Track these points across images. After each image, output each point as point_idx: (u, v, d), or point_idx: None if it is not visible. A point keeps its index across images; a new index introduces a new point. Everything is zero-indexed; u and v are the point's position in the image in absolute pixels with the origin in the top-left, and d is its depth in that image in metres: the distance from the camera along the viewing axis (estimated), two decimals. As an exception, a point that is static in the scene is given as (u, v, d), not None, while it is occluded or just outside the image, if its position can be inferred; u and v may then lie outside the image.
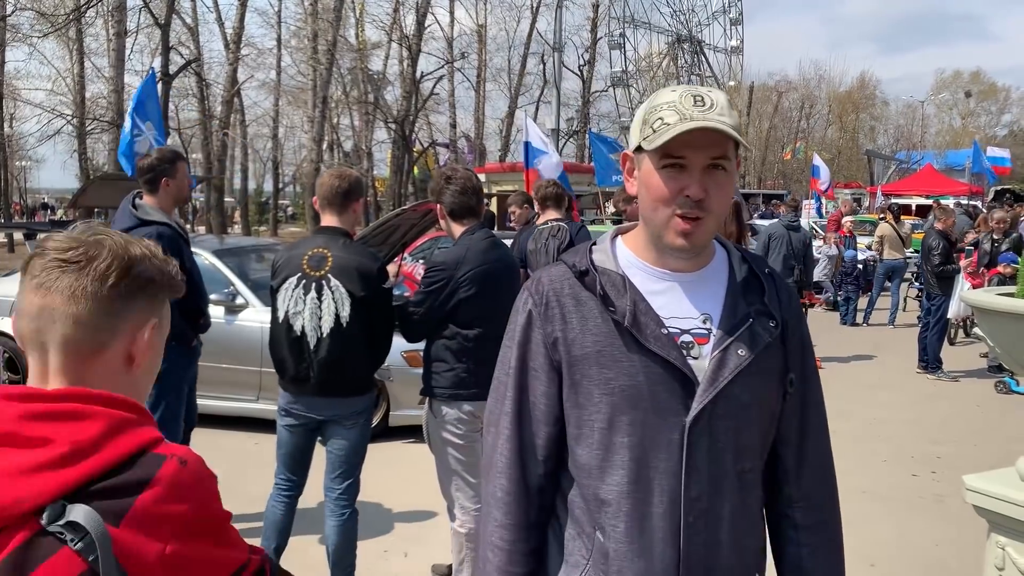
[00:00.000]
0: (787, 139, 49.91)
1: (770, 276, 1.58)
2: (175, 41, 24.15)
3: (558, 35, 30.14)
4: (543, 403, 1.53)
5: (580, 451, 1.51)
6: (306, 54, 23.49)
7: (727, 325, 1.49)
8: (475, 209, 3.67)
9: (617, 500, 1.46)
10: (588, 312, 1.49)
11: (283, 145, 38.55)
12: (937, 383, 8.93)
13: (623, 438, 1.46)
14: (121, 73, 20.27)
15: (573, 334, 1.49)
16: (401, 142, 28.74)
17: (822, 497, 1.62)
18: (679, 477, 1.44)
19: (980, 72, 59.14)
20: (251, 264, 7.36)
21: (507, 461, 1.55)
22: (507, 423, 1.56)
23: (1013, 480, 2.80)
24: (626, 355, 1.45)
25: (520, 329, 1.56)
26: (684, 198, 1.43)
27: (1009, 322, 2.87)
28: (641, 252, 1.54)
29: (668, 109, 1.42)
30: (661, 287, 1.51)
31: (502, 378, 1.59)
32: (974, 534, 4.66)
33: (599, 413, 1.47)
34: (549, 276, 1.56)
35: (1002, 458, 3.25)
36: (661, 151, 1.43)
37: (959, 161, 36.43)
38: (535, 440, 1.55)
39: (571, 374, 1.50)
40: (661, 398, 1.45)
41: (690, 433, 1.44)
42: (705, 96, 1.43)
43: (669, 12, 53.57)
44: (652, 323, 1.46)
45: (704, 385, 1.45)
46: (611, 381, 1.45)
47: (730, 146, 1.45)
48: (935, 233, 9.22)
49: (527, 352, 1.54)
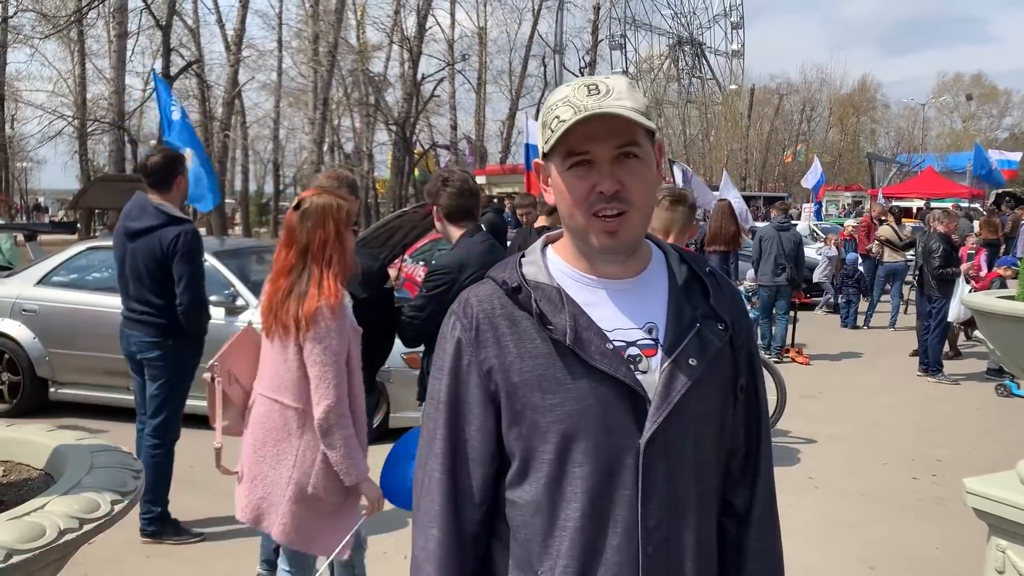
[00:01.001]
0: (788, 142, 49.90)
1: (712, 275, 1.46)
2: (176, 43, 24.15)
3: (559, 37, 30.24)
4: (478, 439, 1.39)
5: (525, 488, 1.37)
6: (307, 56, 23.49)
7: (674, 333, 1.36)
8: (472, 212, 3.66)
9: (571, 537, 1.33)
10: (524, 333, 1.35)
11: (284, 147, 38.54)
12: (938, 386, 8.93)
13: (576, 468, 1.33)
14: (122, 75, 20.30)
15: (510, 359, 1.35)
16: (402, 144, 28.75)
17: (770, 520, 1.50)
18: (635, 505, 1.32)
19: (981, 75, 59.28)
20: (251, 265, 7.36)
21: (439, 509, 1.39)
22: (438, 464, 1.40)
23: (1014, 483, 2.79)
24: (570, 377, 1.32)
25: (449, 358, 1.40)
26: (598, 195, 1.31)
27: (1009, 325, 2.86)
28: (572, 261, 1.41)
29: (563, 105, 1.31)
30: (598, 297, 1.38)
31: (431, 413, 1.43)
32: (974, 537, 4.67)
33: (547, 443, 1.34)
34: (478, 296, 1.42)
35: (1003, 461, 3.24)
36: (563, 151, 1.32)
37: (960, 164, 36.49)
38: (470, 483, 1.40)
39: (511, 404, 1.35)
40: (613, 420, 1.32)
41: (645, 455, 1.32)
42: (600, 83, 1.32)
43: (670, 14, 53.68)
44: (596, 338, 1.33)
45: (656, 402, 1.32)
46: (557, 407, 1.32)
47: (639, 131, 1.32)
48: (936, 236, 9.22)
49: (458, 383, 1.39)
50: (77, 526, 1.83)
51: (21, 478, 2.19)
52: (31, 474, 2.22)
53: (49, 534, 1.74)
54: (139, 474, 2.20)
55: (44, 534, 1.74)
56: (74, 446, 2.27)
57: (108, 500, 1.97)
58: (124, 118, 21.05)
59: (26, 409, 6.80)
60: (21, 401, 6.87)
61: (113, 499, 1.99)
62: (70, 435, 2.42)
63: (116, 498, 2.00)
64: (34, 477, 2.20)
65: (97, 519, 1.90)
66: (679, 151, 45.96)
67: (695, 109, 50.81)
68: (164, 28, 21.06)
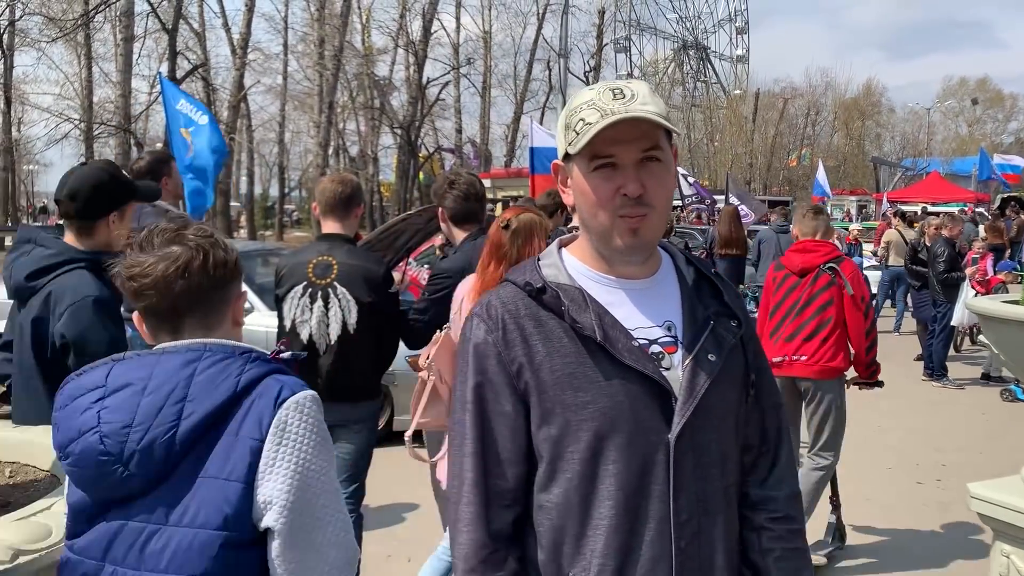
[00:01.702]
0: (793, 146, 49.87)
1: (719, 276, 1.52)
2: (182, 46, 24.26)
3: (564, 41, 30.25)
4: (509, 439, 1.40)
5: (554, 491, 1.38)
6: (312, 59, 23.59)
7: (692, 331, 1.41)
8: (477, 215, 3.67)
9: (606, 535, 1.35)
10: (551, 332, 1.37)
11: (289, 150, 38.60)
12: (943, 391, 8.91)
13: (609, 465, 1.35)
14: (128, 78, 20.40)
15: (539, 358, 1.36)
16: (407, 147, 28.81)
17: (789, 504, 1.52)
18: (667, 500, 1.35)
19: (987, 79, 59.05)
20: (256, 268, 7.37)
21: (475, 511, 1.40)
22: (471, 466, 1.40)
23: (1018, 488, 2.79)
24: (600, 374, 1.34)
25: (474, 359, 1.40)
26: (623, 197, 1.33)
27: (1015, 330, 2.86)
28: (590, 262, 1.44)
29: (588, 108, 1.33)
30: (618, 297, 1.41)
31: (459, 416, 1.43)
32: (979, 542, 4.66)
33: (579, 442, 1.35)
34: (500, 298, 1.42)
35: (1007, 466, 3.23)
36: (589, 153, 1.34)
37: (965, 168, 36.44)
38: (503, 484, 1.40)
39: (542, 402, 1.37)
40: (643, 416, 1.35)
41: (675, 451, 1.35)
42: (624, 88, 1.34)
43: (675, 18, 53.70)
44: (622, 336, 1.36)
45: (683, 396, 1.36)
46: (589, 404, 1.34)
47: (661, 136, 1.36)
48: (941, 240, 9.20)
49: (486, 384, 1.40)
50: (83, 527, 1.84)
51: (28, 479, 2.20)
52: (37, 475, 2.23)
53: (55, 535, 1.75)
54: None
55: (51, 535, 1.75)
56: (80, 447, 2.28)
57: (114, 501, 1.97)
58: (130, 121, 21.14)
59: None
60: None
61: (119, 500, 1.99)
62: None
63: (122, 499, 2.00)
64: (40, 478, 2.21)
65: (103, 520, 1.91)
66: (683, 155, 45.97)
67: (700, 113, 50.83)
68: (170, 32, 21.14)
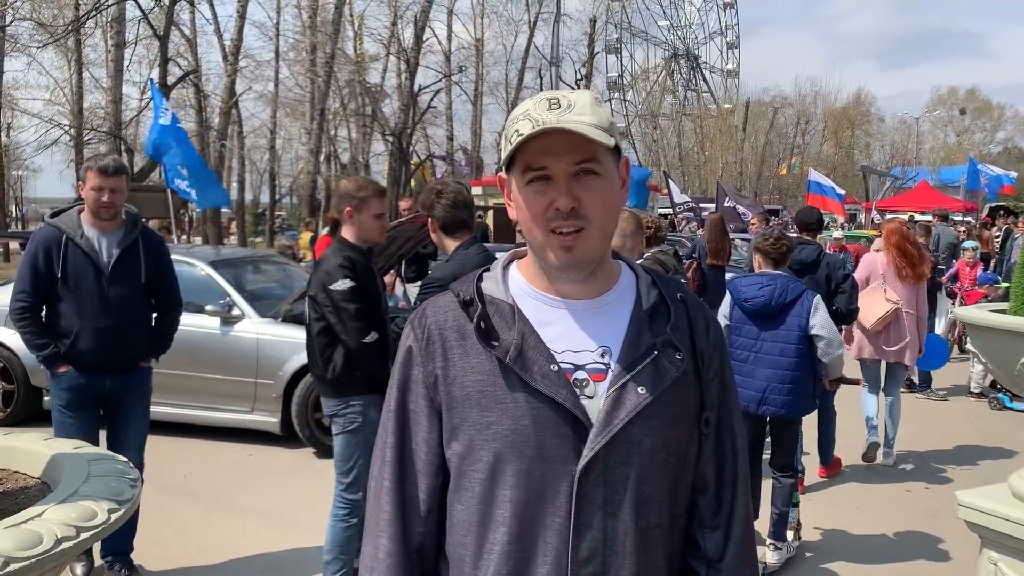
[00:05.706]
0: (783, 155, 50.05)
1: (682, 302, 1.40)
2: (173, 52, 24.17)
3: (555, 50, 30.33)
4: (424, 450, 1.37)
5: (458, 507, 1.35)
6: (304, 66, 23.56)
7: (627, 359, 1.31)
8: (467, 223, 3.70)
9: (497, 561, 1.30)
10: (472, 348, 1.32)
11: (280, 157, 38.49)
12: (931, 400, 8.94)
13: (507, 490, 1.30)
14: (119, 84, 20.33)
15: (454, 372, 1.33)
16: (398, 155, 28.78)
17: (745, 563, 1.41)
18: (566, 534, 1.27)
19: (976, 90, 59.63)
20: (247, 275, 7.36)
21: (389, 517, 1.38)
22: (388, 473, 1.39)
23: (1006, 496, 2.81)
24: (510, 395, 1.29)
25: (400, 367, 1.40)
26: (555, 211, 1.28)
27: (1003, 339, 2.88)
28: (533, 279, 1.38)
29: (523, 119, 1.28)
30: (554, 316, 1.35)
31: (384, 421, 1.42)
32: (967, 550, 4.68)
33: (480, 462, 1.31)
34: (434, 307, 1.40)
35: (995, 474, 3.26)
36: (522, 165, 1.30)
37: (954, 178, 36.63)
38: (416, 493, 1.38)
39: (451, 417, 1.33)
40: (549, 444, 1.28)
41: (580, 484, 1.27)
42: (562, 98, 1.29)
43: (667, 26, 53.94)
44: (541, 359, 1.29)
45: (597, 428, 1.27)
46: (493, 425, 1.29)
47: (599, 148, 1.29)
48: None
49: (407, 393, 1.38)
50: (74, 534, 1.84)
51: (18, 486, 2.20)
52: (28, 482, 2.22)
53: (46, 542, 1.75)
54: (136, 483, 2.20)
55: (41, 542, 1.75)
56: (71, 455, 2.28)
57: (105, 509, 1.97)
58: (121, 127, 21.06)
59: (20, 418, 6.78)
60: (15, 410, 6.85)
61: (110, 508, 1.99)
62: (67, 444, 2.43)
63: (113, 507, 2.00)
64: (31, 485, 2.21)
65: (94, 527, 1.91)
66: (674, 163, 46.07)
67: (690, 122, 50.99)
68: (161, 38, 21.07)
